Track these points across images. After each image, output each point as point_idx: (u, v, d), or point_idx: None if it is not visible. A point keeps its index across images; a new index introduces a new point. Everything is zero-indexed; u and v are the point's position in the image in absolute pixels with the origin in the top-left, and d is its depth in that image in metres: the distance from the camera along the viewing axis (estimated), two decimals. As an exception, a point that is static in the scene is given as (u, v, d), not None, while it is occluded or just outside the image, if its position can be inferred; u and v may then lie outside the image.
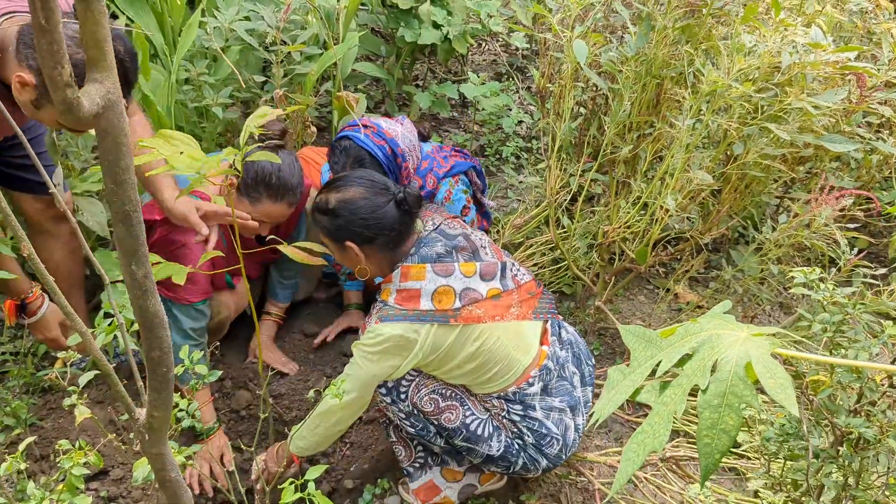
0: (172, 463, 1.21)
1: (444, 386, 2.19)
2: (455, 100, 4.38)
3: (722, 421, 1.10)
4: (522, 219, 3.22)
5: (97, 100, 0.75)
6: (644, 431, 1.19)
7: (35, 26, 0.65)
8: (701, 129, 2.45)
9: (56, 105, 0.71)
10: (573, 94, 2.72)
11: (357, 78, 3.94)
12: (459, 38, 3.57)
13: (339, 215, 2.17)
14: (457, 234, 2.23)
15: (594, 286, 3.00)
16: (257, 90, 3.21)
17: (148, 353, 1.02)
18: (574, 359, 2.34)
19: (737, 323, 1.20)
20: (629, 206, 2.73)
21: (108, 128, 0.79)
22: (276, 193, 2.44)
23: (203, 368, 1.78)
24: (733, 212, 2.92)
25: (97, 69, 0.76)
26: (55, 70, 0.68)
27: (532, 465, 2.21)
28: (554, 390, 2.23)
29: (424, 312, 2.07)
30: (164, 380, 1.05)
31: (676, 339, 1.23)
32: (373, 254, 2.20)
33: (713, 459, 1.12)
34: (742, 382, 1.10)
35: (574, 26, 2.57)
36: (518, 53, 4.88)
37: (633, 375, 1.26)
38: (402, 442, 2.34)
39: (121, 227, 0.88)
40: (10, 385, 2.60)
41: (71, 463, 1.58)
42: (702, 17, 2.56)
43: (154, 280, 0.94)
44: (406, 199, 2.17)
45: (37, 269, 1.00)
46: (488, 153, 4.00)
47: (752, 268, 2.77)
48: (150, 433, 1.13)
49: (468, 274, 2.13)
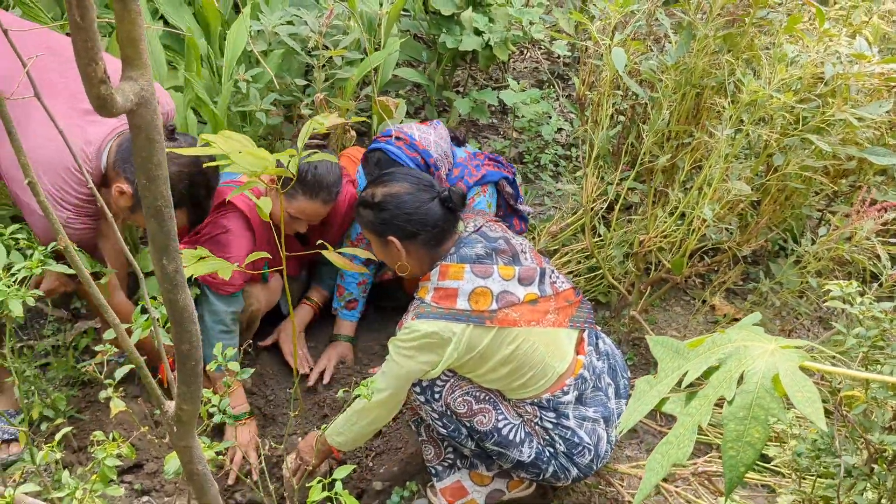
0: (200, 456, 1.23)
1: (479, 389, 2.19)
2: (495, 106, 4.38)
3: (747, 433, 1.09)
4: (558, 226, 3.21)
5: (131, 97, 0.77)
6: (669, 442, 1.18)
7: (71, 24, 0.67)
8: (740, 140, 2.43)
9: (91, 100, 0.73)
10: (612, 102, 2.71)
11: (397, 83, 3.97)
12: (500, 45, 3.58)
13: (384, 209, 2.20)
14: (498, 236, 2.24)
15: (629, 295, 2.98)
16: (298, 94, 3.24)
17: (178, 345, 1.04)
18: (610, 370, 2.33)
19: (765, 335, 1.19)
20: (666, 216, 2.71)
21: (141, 124, 0.81)
22: (311, 191, 2.50)
23: (235, 365, 1.81)
24: (773, 223, 2.88)
25: (132, 67, 0.78)
26: (90, 66, 0.70)
27: (562, 474, 2.20)
28: (589, 400, 2.22)
29: (461, 312, 2.08)
30: (192, 373, 1.07)
31: (704, 350, 1.22)
32: (414, 250, 2.22)
33: (738, 472, 1.11)
34: (769, 395, 1.09)
35: (614, 34, 2.56)
36: (559, 61, 4.87)
37: (659, 386, 1.25)
38: (432, 441, 2.35)
39: (153, 222, 0.90)
40: (50, 377, 2.66)
41: (104, 454, 1.61)
42: (744, 27, 2.53)
43: (184, 275, 0.96)
44: (451, 196, 2.19)
45: (75, 266, 1.03)
46: (527, 160, 4.00)
47: (791, 281, 2.73)
48: (179, 426, 1.15)
49: (507, 277, 2.14)
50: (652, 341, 1.34)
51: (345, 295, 2.97)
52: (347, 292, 2.96)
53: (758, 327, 1.24)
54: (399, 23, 3.71)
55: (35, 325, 2.98)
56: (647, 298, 2.97)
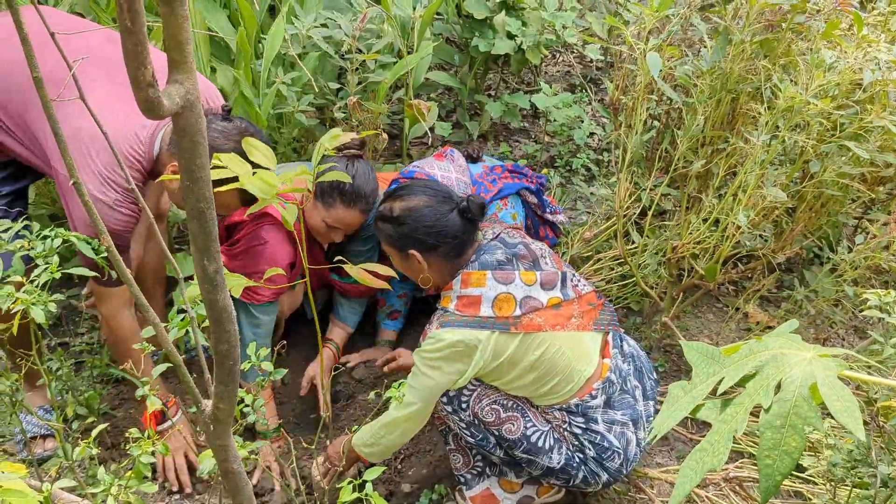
0: (236, 455, 1.24)
1: (506, 397, 2.19)
2: (526, 110, 4.38)
3: (784, 442, 1.08)
4: (591, 232, 3.19)
5: (177, 100, 0.78)
6: (703, 449, 1.17)
7: (121, 28, 0.69)
8: (776, 146, 2.41)
9: (138, 103, 0.75)
10: (646, 107, 2.69)
11: (430, 87, 3.98)
12: (533, 49, 3.57)
13: (404, 223, 2.20)
14: (517, 242, 2.24)
15: (661, 302, 2.96)
16: (332, 97, 3.27)
17: (216, 346, 1.06)
18: (636, 372, 2.31)
19: (803, 343, 1.18)
20: (700, 222, 2.69)
21: (186, 127, 0.82)
22: (349, 199, 2.50)
23: (269, 366, 1.82)
24: (808, 231, 2.85)
25: (178, 71, 0.79)
26: (139, 70, 0.72)
27: (592, 479, 2.19)
28: (616, 403, 2.21)
29: (485, 319, 2.07)
30: (230, 372, 1.09)
31: (740, 357, 1.21)
32: (435, 262, 2.22)
33: (774, 481, 1.10)
34: (806, 403, 1.08)
35: (648, 38, 2.55)
36: (592, 65, 4.86)
37: (693, 392, 1.24)
38: (460, 450, 2.35)
39: (195, 223, 0.91)
40: (84, 375, 2.70)
41: (139, 451, 1.64)
42: (781, 32, 2.51)
43: (224, 275, 0.98)
44: (469, 207, 2.19)
45: (117, 267, 1.04)
46: (558, 164, 3.99)
47: (826, 289, 2.70)
48: (216, 424, 1.16)
49: (528, 282, 2.13)
50: (686, 346, 1.33)
51: (385, 308, 2.97)
52: (388, 304, 2.96)
53: (795, 335, 1.23)
54: (432, 26, 3.72)
55: (70, 323, 3.02)
56: (679, 305, 2.95)
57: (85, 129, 2.08)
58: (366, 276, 1.77)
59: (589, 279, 3.07)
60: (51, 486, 1.57)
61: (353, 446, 2.29)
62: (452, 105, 4.22)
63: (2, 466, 1.44)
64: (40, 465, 2.46)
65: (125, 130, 2.13)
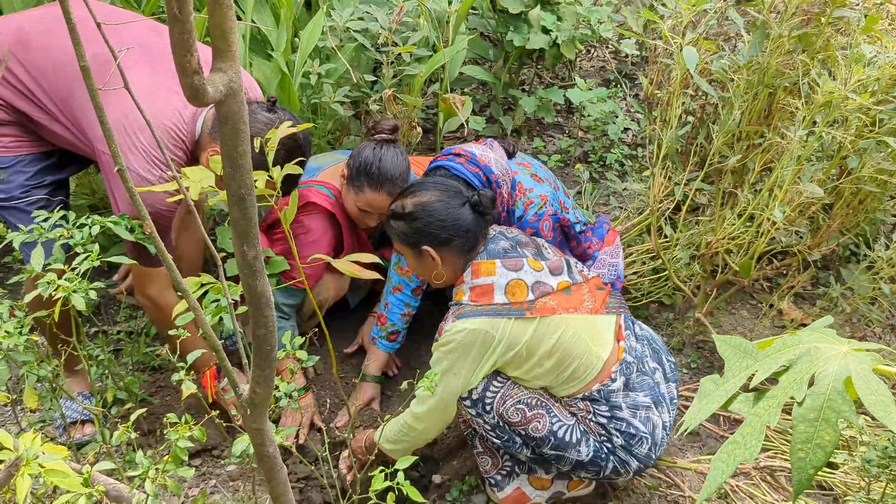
0: (272, 439, 1.26)
1: (530, 395, 2.18)
2: (561, 105, 4.37)
3: (817, 436, 1.08)
4: (624, 226, 3.19)
5: (220, 87, 0.80)
6: (735, 442, 1.17)
7: (169, 16, 0.71)
8: (813, 141, 2.39)
9: (184, 90, 0.77)
10: (681, 102, 2.68)
11: (464, 81, 3.99)
12: (568, 44, 3.57)
13: (416, 218, 2.20)
14: (516, 233, 2.29)
15: (694, 298, 2.95)
16: (367, 90, 3.29)
17: (254, 330, 1.08)
18: (653, 353, 2.32)
19: (838, 337, 1.18)
20: (735, 218, 2.67)
21: (228, 114, 0.84)
22: (376, 183, 2.53)
23: (303, 354, 1.85)
24: (845, 227, 2.82)
25: (222, 59, 0.81)
26: (185, 58, 0.74)
27: (622, 468, 2.19)
28: (637, 385, 2.20)
29: (500, 307, 2.09)
30: (267, 357, 1.11)
31: (773, 351, 1.21)
32: (449, 257, 2.22)
33: (807, 475, 1.10)
34: (840, 397, 1.08)
35: (685, 33, 2.54)
36: (627, 60, 4.83)
37: (726, 385, 1.25)
38: (488, 452, 2.35)
39: (235, 209, 0.93)
40: (123, 361, 2.75)
41: (177, 436, 1.67)
42: (820, 26, 2.48)
43: (263, 261, 1.00)
44: (481, 200, 2.20)
45: (159, 251, 1.07)
46: (592, 159, 3.98)
47: (863, 287, 2.67)
48: (253, 409, 1.19)
49: (537, 269, 2.16)
50: (719, 340, 1.34)
51: (387, 325, 2.80)
52: (390, 322, 2.80)
53: (830, 329, 1.23)
54: (467, 21, 3.72)
55: (109, 310, 3.08)
56: (712, 301, 2.93)
57: (129, 109, 2.11)
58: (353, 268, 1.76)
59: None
60: (90, 469, 1.61)
61: (378, 442, 2.29)
62: (486, 99, 4.23)
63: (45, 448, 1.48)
64: (79, 449, 2.51)
65: (167, 110, 2.16)
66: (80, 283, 1.91)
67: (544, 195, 2.53)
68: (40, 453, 1.44)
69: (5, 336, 1.97)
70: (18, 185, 2.29)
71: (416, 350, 3.06)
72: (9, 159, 2.29)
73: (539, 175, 2.61)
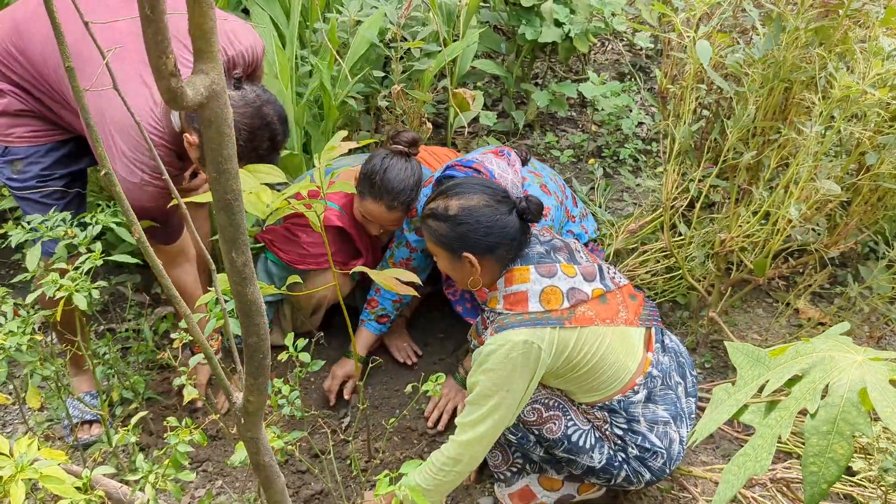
0: (267, 447, 1.23)
1: (547, 396, 2.15)
2: (574, 99, 4.32)
3: (831, 449, 1.04)
4: (637, 224, 3.13)
5: (201, 90, 0.77)
6: (746, 454, 1.13)
7: (141, 17, 0.67)
8: (831, 137, 2.33)
9: (161, 93, 0.73)
10: (695, 96, 2.63)
11: (475, 75, 3.94)
12: (581, 37, 3.52)
13: (462, 223, 2.06)
14: (550, 237, 2.19)
15: (709, 296, 2.89)
16: (376, 85, 3.25)
17: (246, 339, 1.04)
18: (678, 367, 2.26)
19: (853, 345, 1.13)
20: (750, 215, 2.62)
21: (211, 117, 0.80)
22: (376, 193, 2.50)
23: (306, 356, 1.82)
24: (863, 225, 2.75)
25: (203, 60, 0.78)
26: (160, 59, 0.70)
27: (635, 478, 2.15)
28: (658, 398, 2.15)
29: (539, 316, 1.99)
30: (260, 366, 1.07)
31: (786, 359, 1.17)
32: (489, 265, 2.10)
33: (819, 489, 1.05)
34: (855, 409, 1.03)
35: (699, 26, 2.48)
36: (641, 53, 4.77)
37: (737, 394, 1.20)
38: (499, 447, 2.30)
39: (222, 215, 0.90)
40: (130, 360, 2.73)
41: (177, 440, 1.65)
42: (837, 19, 2.42)
43: (253, 268, 0.96)
44: (529, 207, 2.08)
45: (149, 258, 1.04)
46: (605, 154, 3.93)
47: (882, 286, 2.61)
48: (247, 417, 1.16)
49: (570, 274, 2.07)
50: (731, 347, 1.29)
51: (377, 309, 2.79)
52: (381, 307, 2.78)
53: (845, 337, 1.18)
54: (478, 14, 3.68)
55: (117, 308, 3.07)
56: (727, 300, 2.88)
57: (105, 109, 2.08)
58: (392, 283, 1.75)
59: (634, 272, 3.02)
60: (90, 472, 1.59)
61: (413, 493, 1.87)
62: (498, 94, 4.18)
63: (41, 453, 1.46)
64: (85, 449, 2.50)
65: (139, 107, 2.12)
66: (82, 282, 1.89)
67: (547, 207, 2.48)
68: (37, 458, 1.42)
69: (8, 335, 1.95)
70: (35, 174, 2.28)
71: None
72: (25, 150, 2.28)
73: (548, 187, 2.57)
